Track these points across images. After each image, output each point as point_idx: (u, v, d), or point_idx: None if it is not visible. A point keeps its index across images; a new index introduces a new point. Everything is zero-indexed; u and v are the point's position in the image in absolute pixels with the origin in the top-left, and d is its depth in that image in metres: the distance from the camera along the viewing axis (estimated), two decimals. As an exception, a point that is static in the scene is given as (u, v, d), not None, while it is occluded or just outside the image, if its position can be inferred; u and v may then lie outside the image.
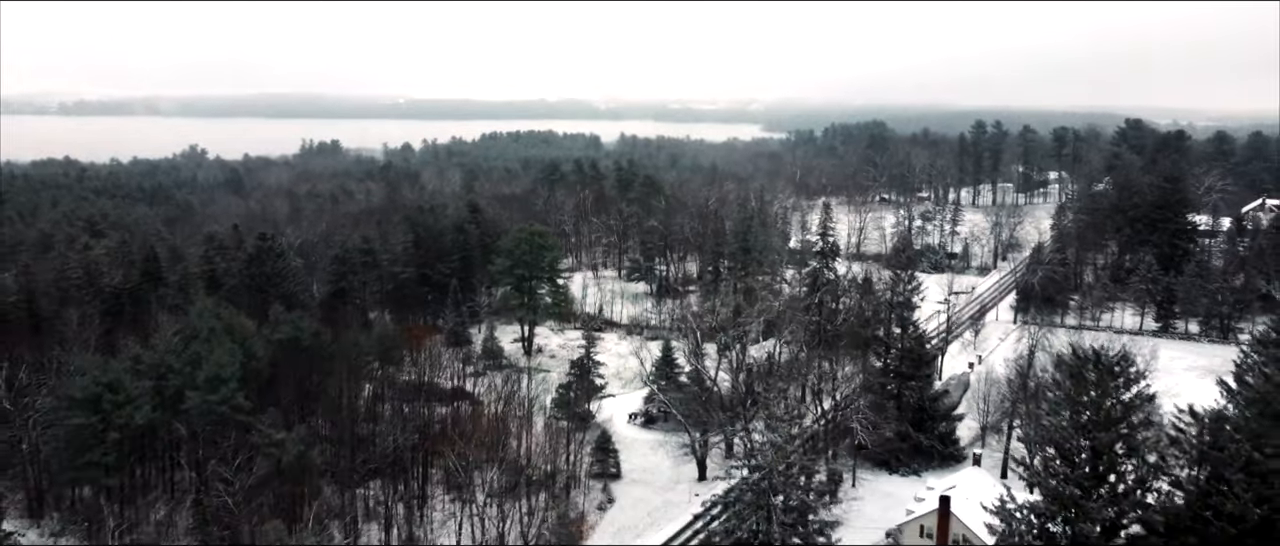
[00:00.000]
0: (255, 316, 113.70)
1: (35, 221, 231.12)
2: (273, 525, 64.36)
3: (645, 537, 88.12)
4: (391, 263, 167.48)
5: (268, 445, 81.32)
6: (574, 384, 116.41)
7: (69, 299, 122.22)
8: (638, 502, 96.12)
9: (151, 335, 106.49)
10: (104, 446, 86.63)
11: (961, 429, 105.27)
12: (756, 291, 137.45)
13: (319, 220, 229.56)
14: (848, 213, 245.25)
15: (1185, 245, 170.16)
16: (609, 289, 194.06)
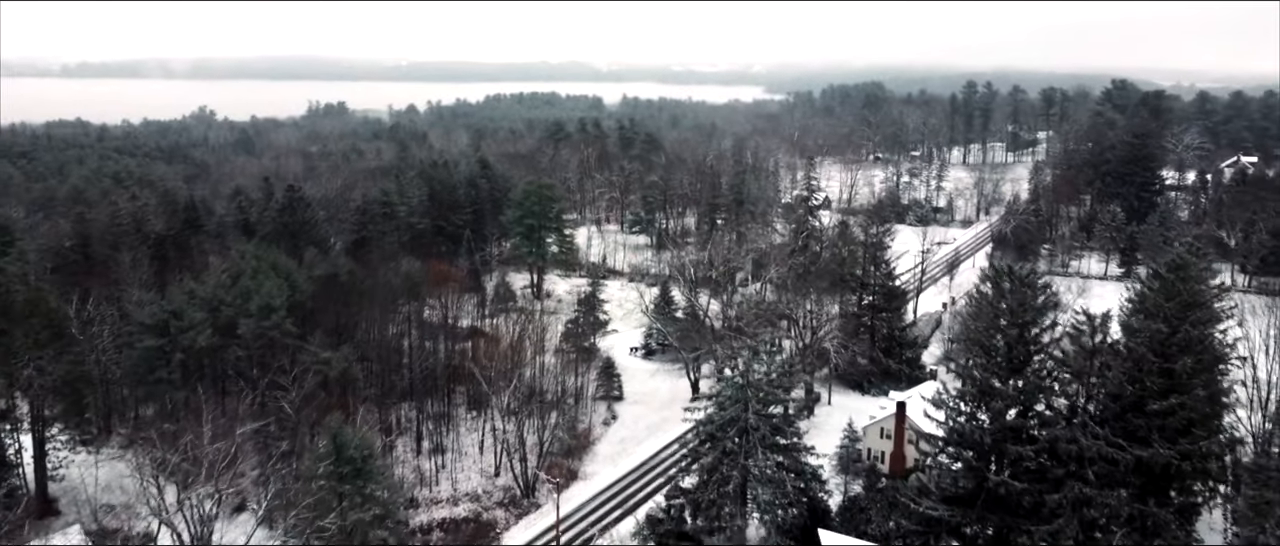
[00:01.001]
0: (293, 258, 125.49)
1: (65, 178, 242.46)
2: (332, 416, 76.35)
3: (644, 445, 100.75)
4: (408, 214, 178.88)
5: (316, 362, 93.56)
6: (581, 318, 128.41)
7: (120, 243, 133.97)
8: (638, 418, 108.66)
9: (201, 274, 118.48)
10: (170, 366, 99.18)
11: (928, 356, 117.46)
12: (748, 236, 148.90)
13: (334, 177, 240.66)
14: (841, 170, 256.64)
15: (1151, 197, 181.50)
16: (612, 241, 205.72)
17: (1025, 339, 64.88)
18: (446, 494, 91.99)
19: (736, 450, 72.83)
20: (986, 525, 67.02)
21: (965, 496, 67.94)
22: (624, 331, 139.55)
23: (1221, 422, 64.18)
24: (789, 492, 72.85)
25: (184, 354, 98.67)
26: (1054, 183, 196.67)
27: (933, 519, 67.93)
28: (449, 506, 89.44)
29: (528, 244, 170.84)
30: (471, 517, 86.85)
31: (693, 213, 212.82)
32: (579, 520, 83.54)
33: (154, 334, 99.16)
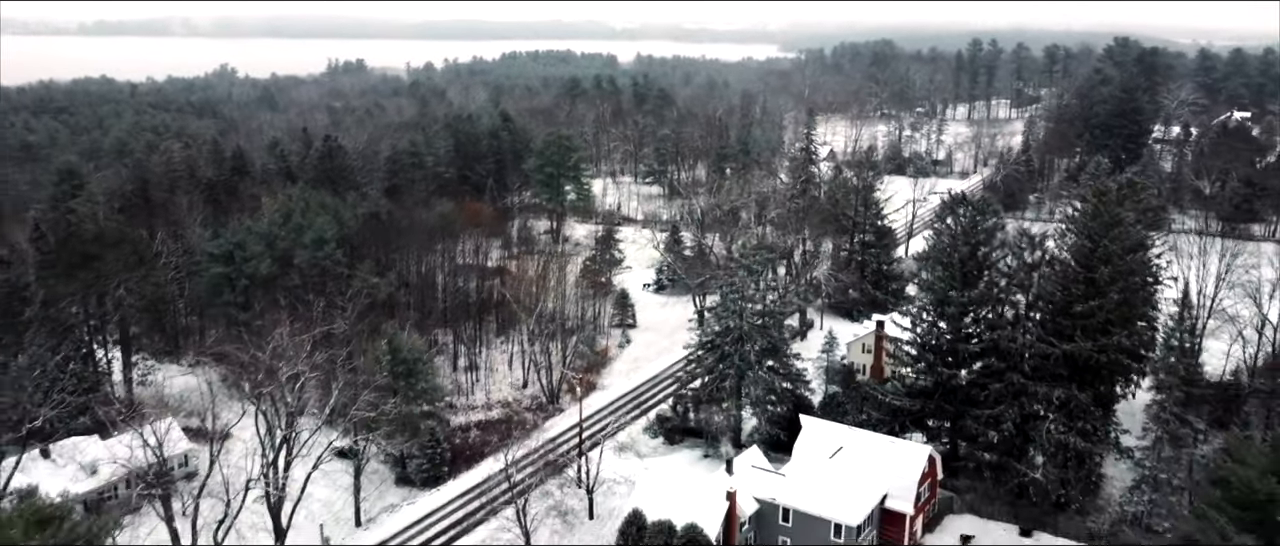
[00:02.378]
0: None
1: (106, 131, 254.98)
2: (389, 324, 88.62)
3: (655, 363, 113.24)
4: (435, 164, 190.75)
5: (366, 286, 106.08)
6: (598, 256, 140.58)
7: (176, 187, 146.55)
8: (649, 342, 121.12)
9: (254, 213, 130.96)
10: (235, 291, 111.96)
11: (913, 289, 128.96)
12: (752, 182, 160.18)
13: (360, 131, 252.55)
14: (847, 125, 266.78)
15: (1138, 149, 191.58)
16: (626, 191, 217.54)
17: (976, 256, 76.68)
18: (481, 401, 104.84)
19: (732, 353, 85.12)
20: (943, 413, 79.36)
21: (926, 391, 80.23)
22: (637, 270, 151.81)
23: (1138, 325, 75.69)
24: (778, 390, 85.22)
25: (247, 280, 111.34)
26: (1046, 136, 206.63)
27: (898, 409, 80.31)
28: (484, 411, 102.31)
29: (548, 191, 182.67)
30: (504, 419, 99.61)
31: (703, 164, 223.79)
32: (598, 420, 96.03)
33: (221, 262, 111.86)
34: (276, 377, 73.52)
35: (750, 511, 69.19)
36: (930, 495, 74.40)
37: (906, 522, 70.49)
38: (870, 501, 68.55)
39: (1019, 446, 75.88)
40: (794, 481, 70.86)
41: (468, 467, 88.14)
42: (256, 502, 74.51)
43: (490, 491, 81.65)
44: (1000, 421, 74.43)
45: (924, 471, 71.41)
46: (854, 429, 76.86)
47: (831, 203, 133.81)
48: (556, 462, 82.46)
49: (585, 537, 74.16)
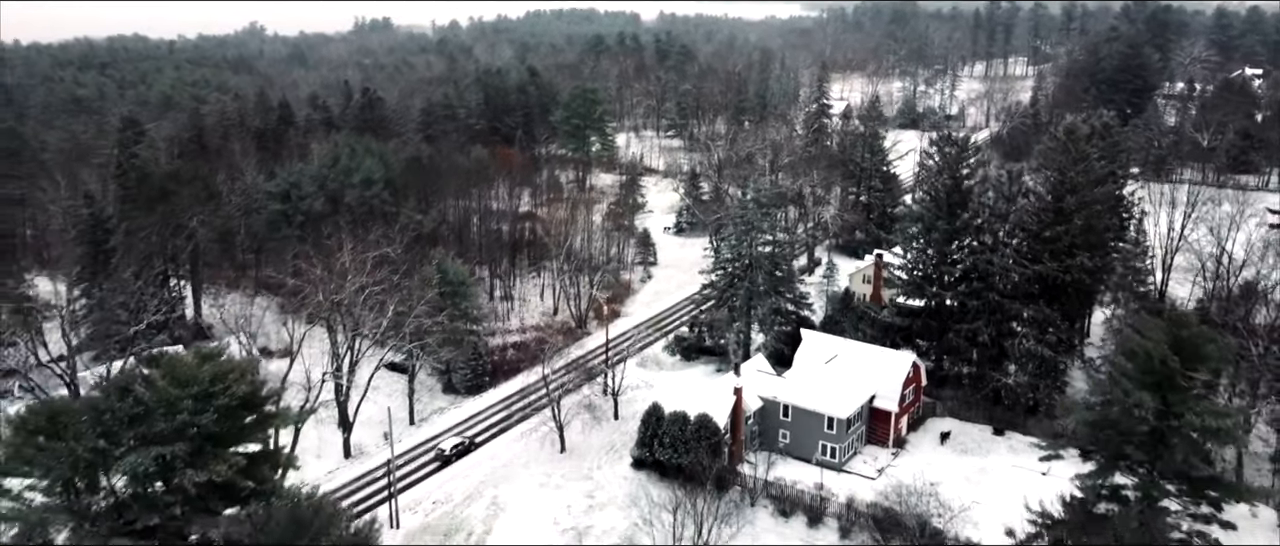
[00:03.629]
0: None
1: (150, 86, 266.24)
2: (436, 250, 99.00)
3: (673, 295, 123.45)
4: (467, 116, 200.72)
5: (410, 222, 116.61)
6: (622, 200, 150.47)
7: (229, 135, 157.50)
8: (669, 277, 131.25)
9: (304, 157, 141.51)
10: (292, 225, 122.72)
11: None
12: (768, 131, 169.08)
13: (392, 87, 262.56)
14: (864, 82, 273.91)
15: (1142, 104, 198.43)
16: (648, 144, 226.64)
17: (959, 187, 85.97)
18: (515, 326, 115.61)
19: (742, 278, 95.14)
20: (930, 331, 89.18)
21: (915, 311, 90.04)
22: (658, 214, 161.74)
23: (1109, 251, 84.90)
24: (783, 312, 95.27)
25: (303, 216, 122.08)
26: (1054, 91, 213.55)
27: (890, 326, 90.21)
28: (518, 334, 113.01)
29: (574, 142, 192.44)
30: (536, 341, 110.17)
31: (722, 119, 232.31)
32: (622, 341, 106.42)
33: (278, 200, 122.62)
34: (345, 288, 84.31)
35: (755, 407, 79.54)
36: (914, 398, 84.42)
37: (892, 419, 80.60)
38: (859, 399, 78.71)
39: (995, 358, 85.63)
40: (793, 383, 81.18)
41: (505, 379, 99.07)
42: (326, 407, 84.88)
43: (527, 397, 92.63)
44: (978, 335, 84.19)
45: (908, 376, 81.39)
46: (848, 341, 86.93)
47: (841, 150, 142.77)
48: (587, 369, 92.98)
49: (611, 431, 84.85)
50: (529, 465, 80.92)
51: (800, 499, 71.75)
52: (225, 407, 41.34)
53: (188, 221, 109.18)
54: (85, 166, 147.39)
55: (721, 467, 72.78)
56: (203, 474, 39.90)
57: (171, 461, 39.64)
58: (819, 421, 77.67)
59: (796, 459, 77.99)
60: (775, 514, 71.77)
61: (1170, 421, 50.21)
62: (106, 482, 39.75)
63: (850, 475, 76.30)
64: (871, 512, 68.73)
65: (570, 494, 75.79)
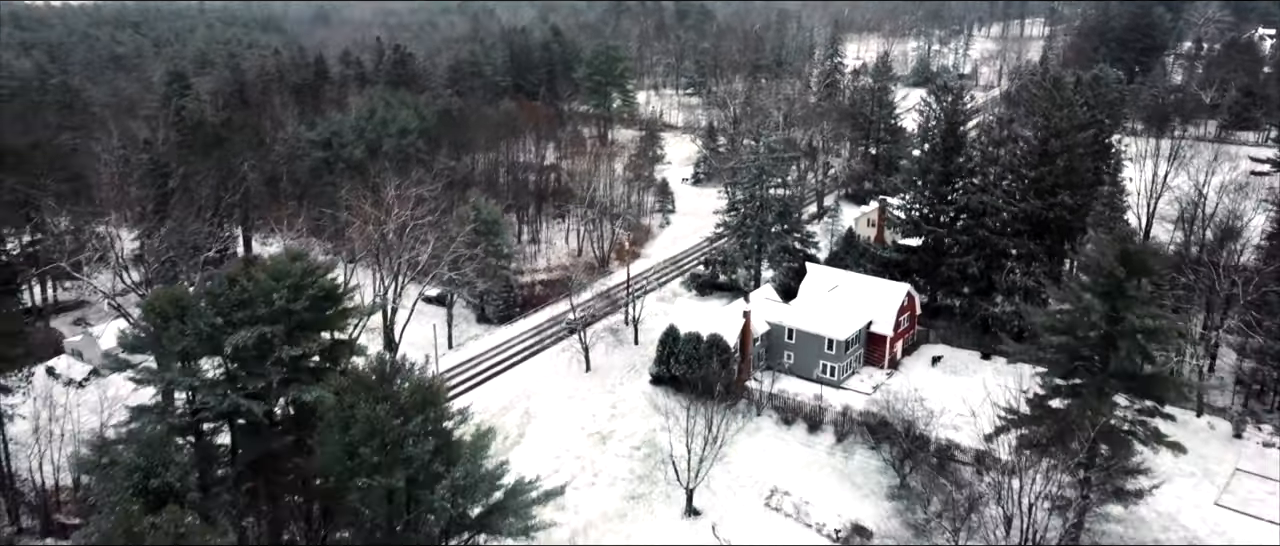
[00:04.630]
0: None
1: (185, 45, 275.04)
2: (473, 191, 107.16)
3: (690, 239, 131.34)
4: (492, 73, 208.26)
5: (444, 168, 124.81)
6: (642, 151, 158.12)
7: (269, 89, 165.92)
8: (686, 223, 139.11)
9: (342, 109, 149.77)
10: (333, 173, 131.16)
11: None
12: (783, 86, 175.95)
13: (418, 45, 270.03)
14: (881, 42, 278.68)
15: (1150, 62, 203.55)
16: (668, 101, 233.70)
17: (955, 133, 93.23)
18: (542, 266, 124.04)
19: (754, 219, 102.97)
20: (925, 266, 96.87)
21: (912, 248, 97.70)
22: (676, 166, 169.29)
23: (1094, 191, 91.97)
24: (790, 249, 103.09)
25: (344, 164, 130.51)
26: (1064, 50, 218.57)
27: (889, 262, 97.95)
28: (545, 273, 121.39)
29: (596, 98, 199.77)
30: (561, 278, 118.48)
31: (739, 77, 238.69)
32: (642, 278, 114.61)
33: (320, 148, 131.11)
34: (391, 222, 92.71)
35: (762, 331, 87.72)
36: (909, 326, 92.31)
37: (887, 343, 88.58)
38: (857, 324, 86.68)
39: (984, 290, 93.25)
40: (797, 309, 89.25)
41: (534, 311, 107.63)
42: (373, 335, 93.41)
43: (554, 326, 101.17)
44: (968, 269, 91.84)
45: (903, 304, 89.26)
46: (849, 273, 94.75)
47: (852, 105, 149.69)
48: (610, 297, 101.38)
49: (632, 354, 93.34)
50: (557, 382, 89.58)
51: (801, 408, 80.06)
52: (313, 297, 49.73)
53: (240, 166, 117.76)
54: (133, 118, 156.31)
55: (731, 383, 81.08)
56: (297, 349, 48.41)
57: (271, 339, 48.09)
58: (820, 343, 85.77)
59: (799, 377, 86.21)
60: (779, 422, 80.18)
61: (1118, 326, 57.96)
62: (219, 356, 48.40)
63: (847, 391, 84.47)
64: (865, 420, 76.97)
65: (595, 405, 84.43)
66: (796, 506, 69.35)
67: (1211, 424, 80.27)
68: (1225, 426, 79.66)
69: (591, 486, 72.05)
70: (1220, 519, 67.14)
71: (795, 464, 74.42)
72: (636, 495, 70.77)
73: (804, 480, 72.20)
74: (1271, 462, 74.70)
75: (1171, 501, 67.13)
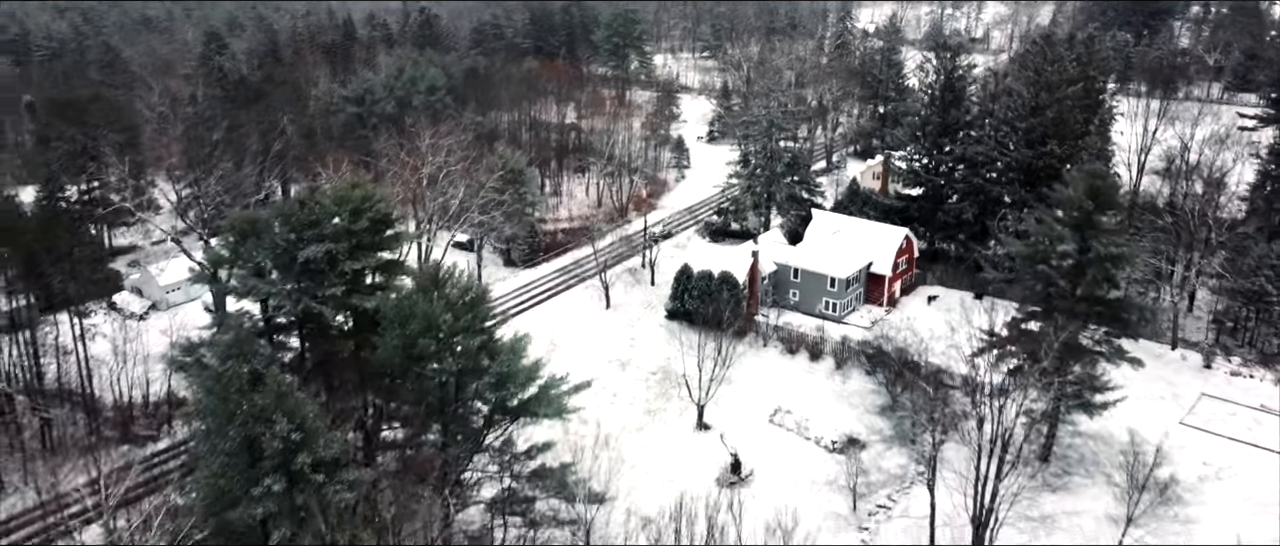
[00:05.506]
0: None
1: (214, 7, 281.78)
2: (499, 144, 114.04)
3: (704, 192, 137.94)
4: (514, 35, 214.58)
5: (472, 122, 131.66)
6: (659, 109, 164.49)
7: (301, 49, 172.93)
8: (700, 176, 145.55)
9: (371, 68, 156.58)
10: (366, 127, 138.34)
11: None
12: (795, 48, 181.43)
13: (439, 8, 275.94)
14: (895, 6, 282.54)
15: (1157, 25, 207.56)
16: (684, 63, 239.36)
17: (952, 86, 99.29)
18: (564, 215, 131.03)
19: (764, 168, 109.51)
20: (924, 211, 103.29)
21: (912, 196, 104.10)
22: (692, 124, 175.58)
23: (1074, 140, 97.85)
24: (798, 198, 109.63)
25: (376, 119, 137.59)
26: (1074, 13, 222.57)
27: (890, 209, 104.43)
28: (567, 222, 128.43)
29: (614, 60, 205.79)
30: (582, 226, 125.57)
31: (755, 40, 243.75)
32: (657, 226, 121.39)
33: (354, 104, 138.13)
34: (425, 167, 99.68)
35: (770, 271, 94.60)
36: (907, 267, 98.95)
37: (886, 283, 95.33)
38: (858, 264, 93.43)
39: (978, 235, 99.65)
40: (802, 251, 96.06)
41: (557, 256, 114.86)
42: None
43: (576, 269, 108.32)
44: (963, 214, 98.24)
45: (901, 246, 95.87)
46: (851, 218, 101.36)
47: (861, 65, 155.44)
48: (629, 243, 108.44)
49: (649, 293, 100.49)
50: (580, 317, 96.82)
51: (804, 339, 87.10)
52: (370, 220, 56.80)
53: (280, 119, 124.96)
54: (170, 77, 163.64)
55: (740, 317, 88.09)
56: (357, 263, 55.56)
57: (335, 255, 55.21)
58: (823, 281, 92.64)
59: (804, 313, 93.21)
60: (783, 351, 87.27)
61: (1086, 254, 64.54)
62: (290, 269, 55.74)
63: (848, 326, 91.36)
64: (862, 348, 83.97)
65: (615, 336, 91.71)
66: (797, 423, 76.51)
67: (1184, 356, 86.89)
68: (1197, 358, 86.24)
69: (612, 404, 79.29)
70: (1182, 435, 73.88)
71: (797, 387, 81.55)
72: (653, 410, 78.16)
73: (805, 400, 79.33)
74: (1237, 390, 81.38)
75: (1139, 420, 73.70)
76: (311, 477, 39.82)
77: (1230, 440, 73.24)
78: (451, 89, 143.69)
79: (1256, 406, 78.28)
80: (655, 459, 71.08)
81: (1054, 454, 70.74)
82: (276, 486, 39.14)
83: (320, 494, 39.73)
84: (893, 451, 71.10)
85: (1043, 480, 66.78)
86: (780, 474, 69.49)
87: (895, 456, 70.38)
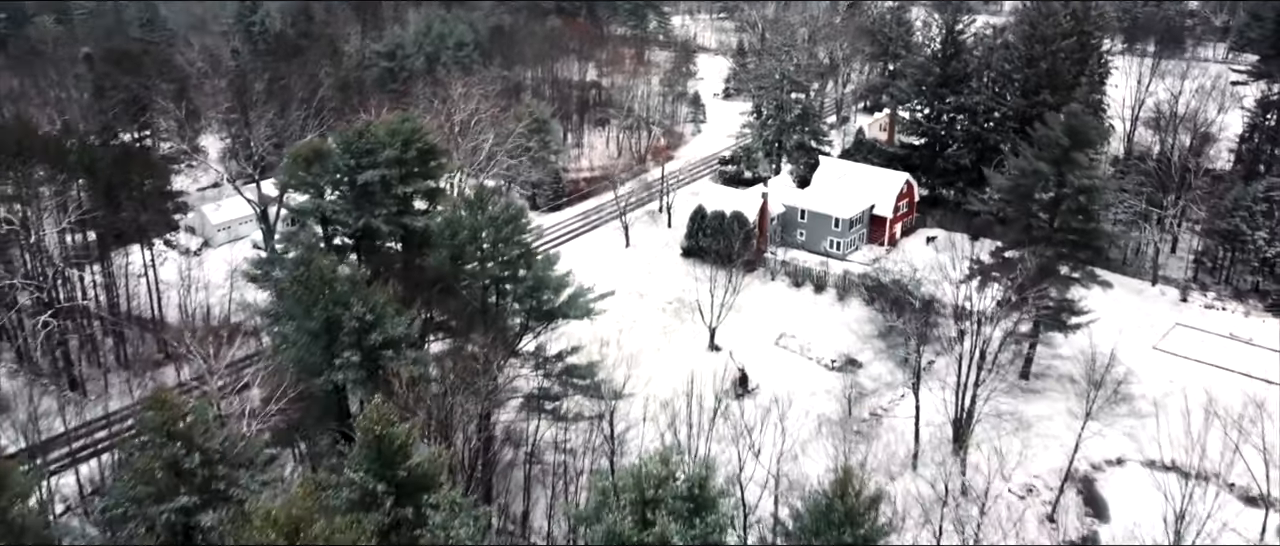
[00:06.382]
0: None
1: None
2: (525, 96, 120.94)
3: (720, 144, 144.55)
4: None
5: (499, 76, 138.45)
6: (677, 66, 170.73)
7: (331, 7, 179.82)
8: (717, 130, 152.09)
9: (400, 24, 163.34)
10: (397, 81, 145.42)
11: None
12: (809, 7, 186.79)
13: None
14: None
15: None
16: (702, 24, 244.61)
17: (954, 40, 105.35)
18: (585, 164, 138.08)
19: (775, 117, 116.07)
20: (925, 159, 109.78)
21: (914, 145, 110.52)
22: (707, 82, 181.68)
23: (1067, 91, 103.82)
24: (807, 146, 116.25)
25: (407, 73, 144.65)
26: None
27: (890, 155, 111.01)
28: (588, 171, 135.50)
29: (633, 20, 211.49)
30: (603, 175, 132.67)
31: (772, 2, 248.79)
32: (674, 175, 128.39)
33: (386, 58, 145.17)
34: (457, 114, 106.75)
35: (778, 212, 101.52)
36: (908, 210, 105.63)
37: (887, 224, 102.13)
38: (861, 206, 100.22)
39: (976, 180, 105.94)
40: (809, 193, 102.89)
41: (580, 201, 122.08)
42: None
43: (598, 213, 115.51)
44: (961, 160, 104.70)
45: (902, 190, 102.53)
46: (856, 164, 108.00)
47: (873, 24, 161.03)
48: (647, 188, 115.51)
49: (665, 234, 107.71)
50: (601, 255, 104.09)
51: (809, 273, 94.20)
52: (418, 150, 64.09)
53: (318, 72, 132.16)
54: (206, 34, 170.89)
55: (750, 250, 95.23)
56: (409, 187, 62.94)
57: (388, 180, 62.60)
58: (827, 222, 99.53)
59: (810, 251, 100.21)
60: (790, 284, 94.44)
61: (1063, 188, 71.21)
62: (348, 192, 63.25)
63: (850, 263, 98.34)
64: (862, 281, 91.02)
65: (633, 271, 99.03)
66: (801, 346, 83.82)
67: (1163, 291, 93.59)
68: (1175, 293, 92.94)
69: (631, 329, 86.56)
70: (1154, 357, 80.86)
71: (801, 315, 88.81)
72: (668, 332, 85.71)
73: (808, 326, 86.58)
74: (1208, 320, 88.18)
75: (1115, 345, 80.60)
76: (382, 352, 47.40)
77: (1196, 362, 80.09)
78: (478, 45, 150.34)
79: (1225, 334, 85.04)
80: (670, 372, 78.43)
81: (1033, 373, 77.87)
82: (354, 358, 46.77)
83: (389, 366, 47.37)
84: (888, 369, 78.47)
85: (1021, 392, 74.15)
86: (784, 387, 76.69)
87: (889, 373, 77.72)
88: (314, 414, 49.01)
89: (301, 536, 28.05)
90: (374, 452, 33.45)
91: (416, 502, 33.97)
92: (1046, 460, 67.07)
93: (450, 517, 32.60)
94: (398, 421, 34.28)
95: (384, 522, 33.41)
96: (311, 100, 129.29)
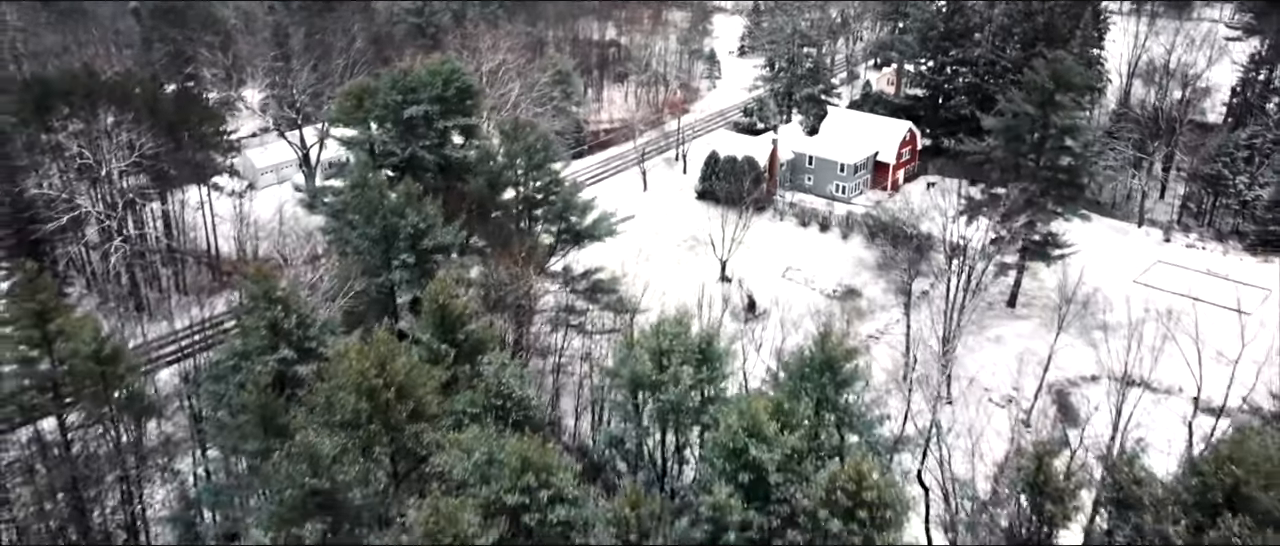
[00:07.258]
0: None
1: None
2: (548, 48, 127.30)
3: (735, 98, 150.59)
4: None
5: (523, 30, 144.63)
6: (694, 24, 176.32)
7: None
8: (732, 84, 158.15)
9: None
10: (424, 36, 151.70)
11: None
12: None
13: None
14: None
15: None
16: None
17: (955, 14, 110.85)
18: (605, 117, 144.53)
19: (785, 72, 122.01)
20: (927, 109, 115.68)
21: (918, 97, 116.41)
22: (723, 40, 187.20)
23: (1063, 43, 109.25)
24: (816, 98, 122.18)
25: (434, 27, 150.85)
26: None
27: (895, 106, 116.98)
28: (607, 123, 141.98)
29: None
30: (622, 126, 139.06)
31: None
32: (690, 127, 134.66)
33: (414, 15, 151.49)
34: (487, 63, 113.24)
35: (788, 158, 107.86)
36: (910, 158, 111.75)
37: (889, 170, 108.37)
38: (865, 153, 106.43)
39: (975, 131, 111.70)
40: (817, 141, 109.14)
41: (600, 150, 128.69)
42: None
43: (618, 160, 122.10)
44: (961, 110, 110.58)
45: (904, 138, 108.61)
46: (863, 114, 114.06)
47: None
48: (664, 137, 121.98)
49: (681, 180, 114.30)
50: (620, 198, 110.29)
51: (815, 214, 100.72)
52: (457, 88, 70.85)
53: (351, 27, 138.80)
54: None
55: (760, 195, 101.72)
56: (450, 121, 69.75)
57: (430, 114, 69.47)
58: (833, 167, 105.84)
59: (816, 195, 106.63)
60: (797, 224, 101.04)
61: (1047, 129, 77.34)
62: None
63: (854, 205, 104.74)
64: (865, 220, 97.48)
65: (651, 211, 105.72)
66: (806, 277, 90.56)
67: (1148, 232, 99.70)
68: (1159, 234, 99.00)
69: (648, 262, 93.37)
70: (1133, 290, 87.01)
71: (807, 250, 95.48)
72: (682, 263, 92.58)
73: (813, 260, 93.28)
74: (1189, 258, 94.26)
75: (1099, 278, 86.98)
76: (433, 256, 54.53)
77: (1171, 293, 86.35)
78: (502, 3, 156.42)
79: (1203, 271, 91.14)
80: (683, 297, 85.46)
81: (1020, 302, 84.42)
82: (409, 260, 53.93)
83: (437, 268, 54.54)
84: (885, 297, 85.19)
85: (1008, 318, 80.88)
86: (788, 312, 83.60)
87: (886, 300, 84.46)
88: (372, 310, 56.28)
89: (387, 369, 35.18)
90: (438, 319, 40.53)
91: (473, 361, 41.12)
92: (1027, 376, 73.80)
93: (501, 370, 39.70)
94: (457, 295, 41.32)
95: (445, 376, 40.60)
96: (349, 50, 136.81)
